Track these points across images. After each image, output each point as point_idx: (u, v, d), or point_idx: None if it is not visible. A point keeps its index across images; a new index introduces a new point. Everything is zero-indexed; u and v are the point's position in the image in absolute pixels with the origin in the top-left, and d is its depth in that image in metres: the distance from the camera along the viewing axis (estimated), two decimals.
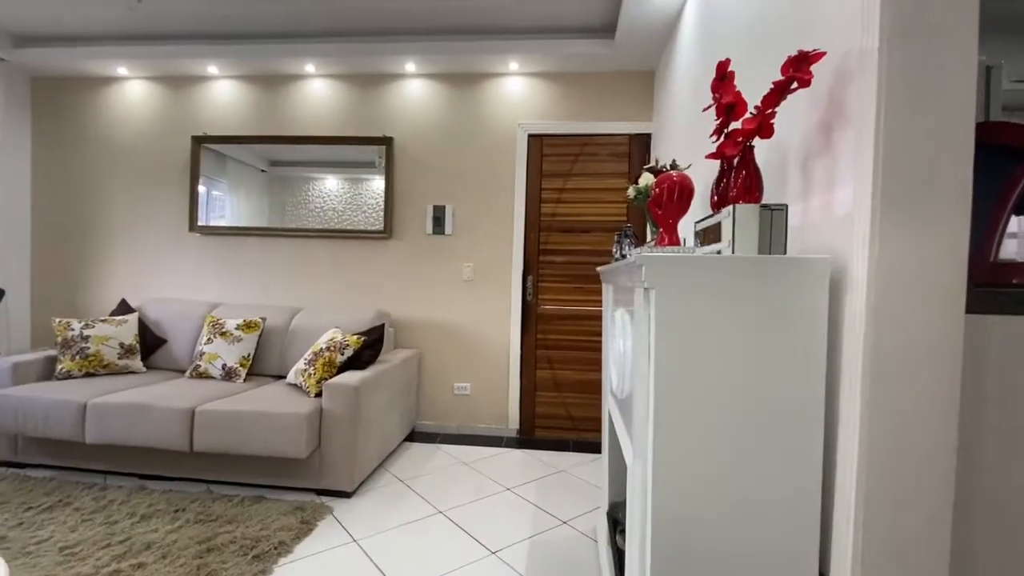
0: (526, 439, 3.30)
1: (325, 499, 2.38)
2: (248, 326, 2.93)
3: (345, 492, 2.40)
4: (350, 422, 2.37)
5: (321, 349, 2.66)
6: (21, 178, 3.62)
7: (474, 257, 3.35)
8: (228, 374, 2.84)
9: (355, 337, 2.69)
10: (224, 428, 2.30)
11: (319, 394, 2.49)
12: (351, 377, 2.45)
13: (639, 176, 1.88)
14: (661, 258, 0.91)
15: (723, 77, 1.05)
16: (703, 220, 1.07)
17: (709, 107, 1.08)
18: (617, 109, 3.24)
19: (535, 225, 3.32)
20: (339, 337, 2.69)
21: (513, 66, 3.21)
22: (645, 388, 0.96)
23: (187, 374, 2.88)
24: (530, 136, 3.30)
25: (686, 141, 2.31)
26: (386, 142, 3.35)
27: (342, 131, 3.42)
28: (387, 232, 3.36)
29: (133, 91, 3.60)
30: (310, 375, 2.59)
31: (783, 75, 0.94)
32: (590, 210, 3.27)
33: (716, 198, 1.07)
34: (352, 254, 3.44)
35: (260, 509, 2.21)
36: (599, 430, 3.27)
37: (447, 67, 3.26)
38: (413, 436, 3.29)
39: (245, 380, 2.86)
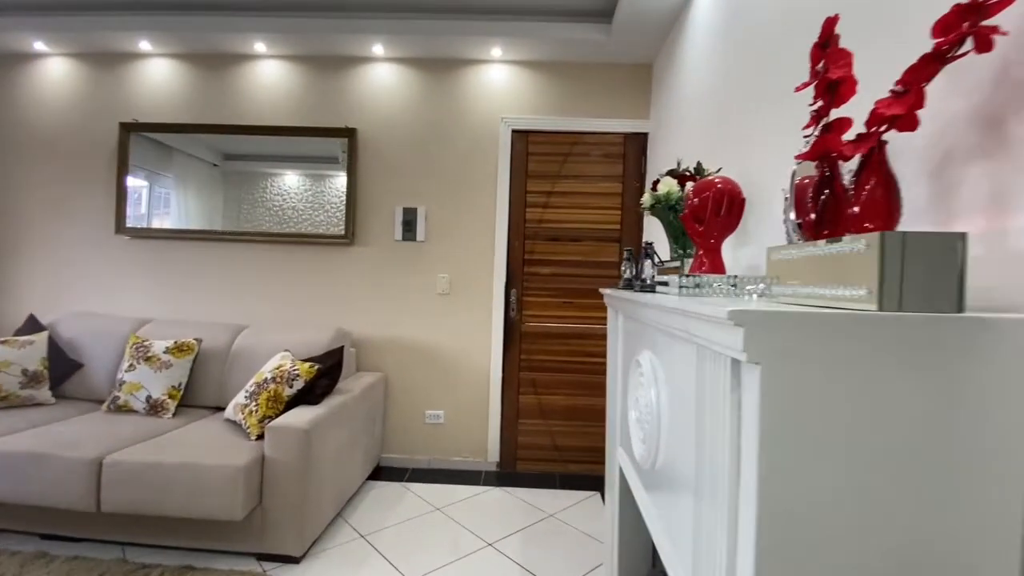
0: (507, 474, 2.94)
1: (268, 566, 1.97)
2: (179, 349, 2.48)
3: (292, 557, 1.99)
4: (299, 473, 1.96)
5: (265, 380, 2.23)
6: None
7: (450, 267, 2.97)
8: (154, 407, 2.38)
9: (307, 365, 2.27)
10: (139, 485, 1.85)
11: (261, 436, 2.07)
12: (300, 416, 2.03)
13: (640, 181, 1.53)
14: (783, 316, 0.55)
15: (826, 43, 0.71)
16: (787, 249, 0.73)
17: (807, 85, 0.73)
18: (611, 105, 2.90)
19: (520, 232, 2.95)
20: (288, 365, 2.27)
21: (496, 52, 2.84)
22: (726, 500, 0.61)
23: (104, 407, 2.41)
24: (514, 132, 2.93)
25: (702, 143, 1.98)
26: (348, 134, 2.93)
27: (299, 121, 2.98)
28: (349, 237, 2.94)
29: (53, 70, 3.07)
30: (251, 412, 2.16)
31: (937, 36, 0.60)
32: (580, 216, 2.93)
33: (813, 217, 0.73)
34: (308, 262, 3.00)
35: None
36: (589, 462, 2.93)
37: (420, 51, 2.87)
38: (378, 473, 2.89)
39: (175, 415, 2.41)
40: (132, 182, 3.01)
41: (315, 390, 2.28)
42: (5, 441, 1.94)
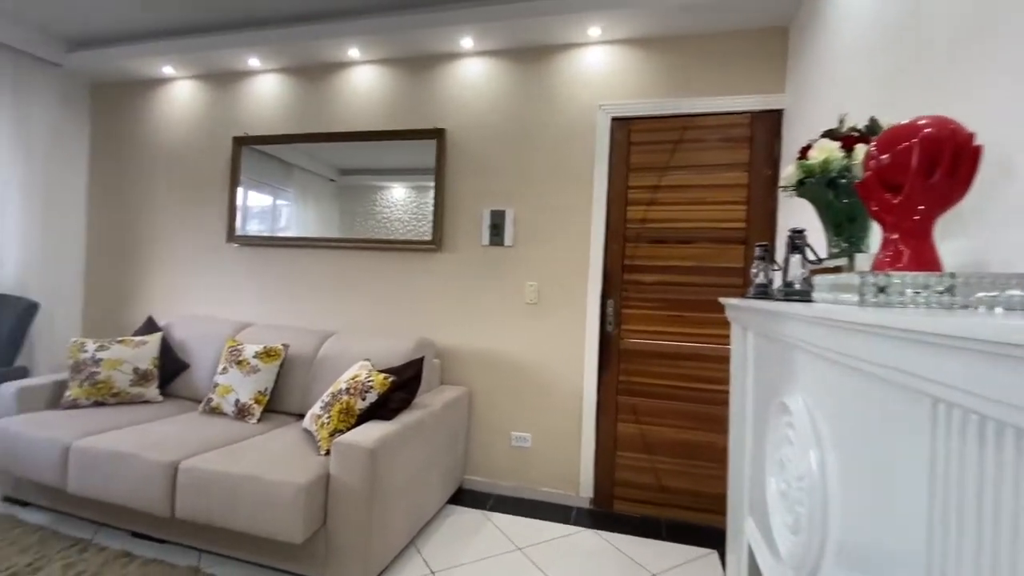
0: (601, 513, 2.53)
1: None
2: (267, 354, 2.47)
3: None
4: (363, 496, 1.77)
5: (340, 390, 2.10)
6: (76, 191, 3.51)
7: (539, 274, 2.67)
8: (241, 411, 2.38)
9: (382, 376, 2.10)
10: (208, 494, 1.79)
11: (330, 451, 1.93)
12: (368, 433, 1.85)
13: (772, 168, 1.10)
14: None
15: None
16: None
17: None
18: (733, 80, 2.42)
19: (619, 234, 2.57)
20: (363, 375, 2.12)
21: (594, 32, 2.52)
22: None
23: (200, 408, 2.47)
24: (614, 120, 2.57)
25: (869, 101, 1.47)
26: (437, 135, 2.79)
27: (392, 124, 2.91)
28: (436, 243, 2.78)
29: (179, 92, 3.36)
30: (323, 424, 2.03)
31: None
32: (693, 214, 2.47)
33: None
34: (397, 269, 2.90)
35: None
36: (704, 510, 2.42)
37: (511, 40, 2.64)
38: (460, 495, 2.65)
39: (259, 420, 2.39)
40: (256, 197, 3.16)
41: (389, 404, 2.10)
42: (103, 438, 2.01)
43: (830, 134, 1.07)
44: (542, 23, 2.47)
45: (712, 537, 2.30)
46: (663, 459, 2.49)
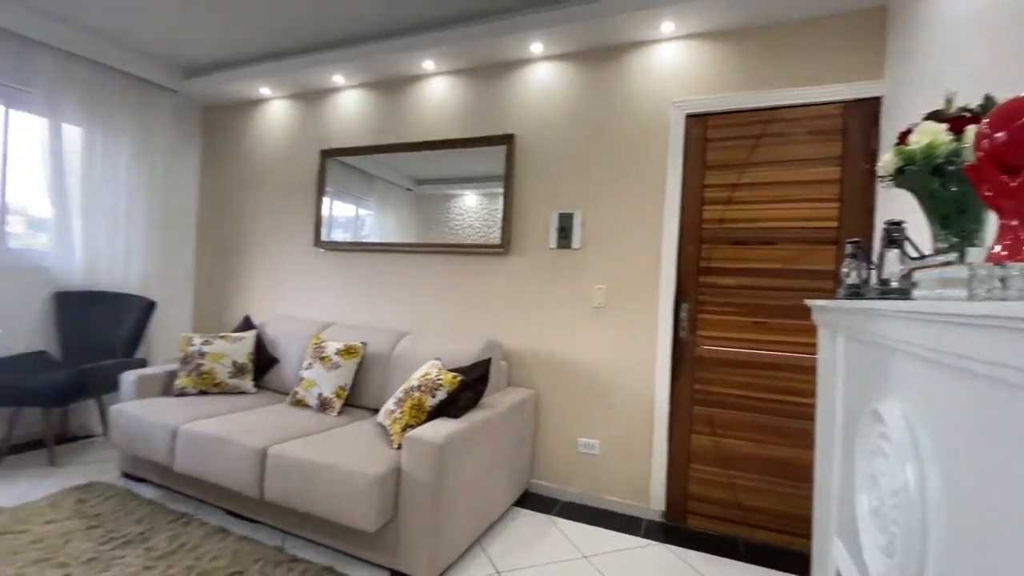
0: (674, 528, 2.41)
1: None
2: (347, 352, 2.62)
3: None
4: (432, 490, 1.82)
5: (412, 387, 2.18)
6: (189, 201, 3.94)
7: (608, 277, 2.61)
8: (323, 405, 2.53)
9: (451, 375, 2.16)
10: (292, 478, 1.92)
11: (402, 446, 2.00)
12: (437, 430, 1.90)
13: (870, 160, 0.99)
14: None
15: None
16: None
17: None
18: (822, 68, 2.24)
19: (694, 235, 2.46)
20: (433, 373, 2.18)
21: (667, 28, 2.44)
22: None
23: (287, 400, 2.67)
24: (689, 117, 2.47)
25: (990, 75, 1.30)
26: (506, 141, 2.83)
27: (463, 132, 2.99)
28: (504, 246, 2.82)
29: (274, 110, 3.68)
30: (396, 419, 2.12)
31: None
32: (778, 212, 2.30)
33: None
34: (466, 272, 2.97)
35: None
36: (787, 532, 2.24)
37: (580, 42, 2.63)
38: (526, 499, 2.64)
39: (339, 413, 2.53)
40: (341, 206, 3.39)
41: (457, 402, 2.15)
42: (204, 424, 2.22)
43: (935, 115, 0.95)
44: (613, 23, 2.44)
45: (795, 562, 2.12)
46: (741, 475, 2.33)
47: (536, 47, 2.71)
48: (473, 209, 2.96)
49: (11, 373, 2.73)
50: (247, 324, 3.06)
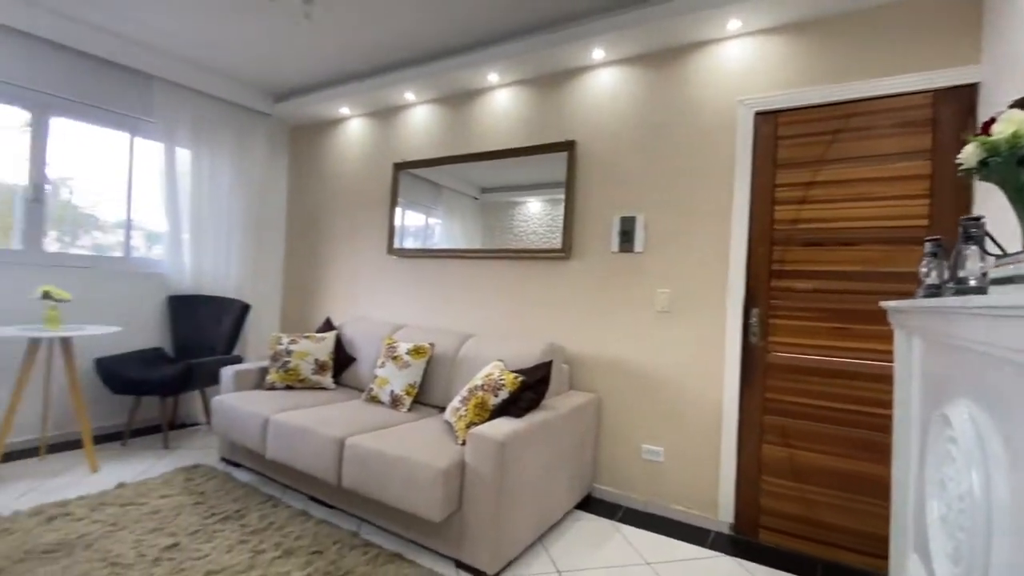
0: (744, 542, 2.32)
1: (463, 575, 1.93)
2: (417, 351, 2.76)
3: (485, 574, 1.91)
4: (494, 485, 1.88)
5: (475, 386, 2.27)
6: (278, 213, 4.33)
7: (672, 281, 2.57)
8: (394, 401, 2.69)
9: (512, 376, 2.22)
10: (367, 468, 2.07)
11: (466, 442, 2.09)
12: (499, 427, 1.97)
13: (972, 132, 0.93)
14: None
15: None
16: None
17: None
18: (906, 55, 2.09)
19: (764, 236, 2.36)
20: (496, 374, 2.26)
21: (733, 26, 2.38)
22: None
23: (363, 397, 2.85)
24: (758, 115, 2.39)
25: None
26: (567, 147, 2.87)
27: (525, 141, 3.08)
28: (566, 251, 2.85)
29: (352, 128, 3.96)
30: (461, 416, 2.21)
31: None
32: (859, 211, 2.17)
33: None
34: (528, 277, 3.03)
35: (389, 572, 1.88)
36: (871, 553, 2.08)
37: (643, 46, 2.62)
38: (588, 503, 2.65)
39: (409, 409, 2.68)
40: (412, 216, 3.59)
41: (519, 402, 2.21)
42: (291, 415, 2.44)
43: (1022, 103, 0.89)
44: (677, 24, 2.41)
45: None
46: (817, 489, 2.20)
47: (598, 53, 2.74)
48: (536, 215, 3.02)
49: (133, 366, 3.14)
50: (328, 325, 3.31)
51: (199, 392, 3.55)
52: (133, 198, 3.50)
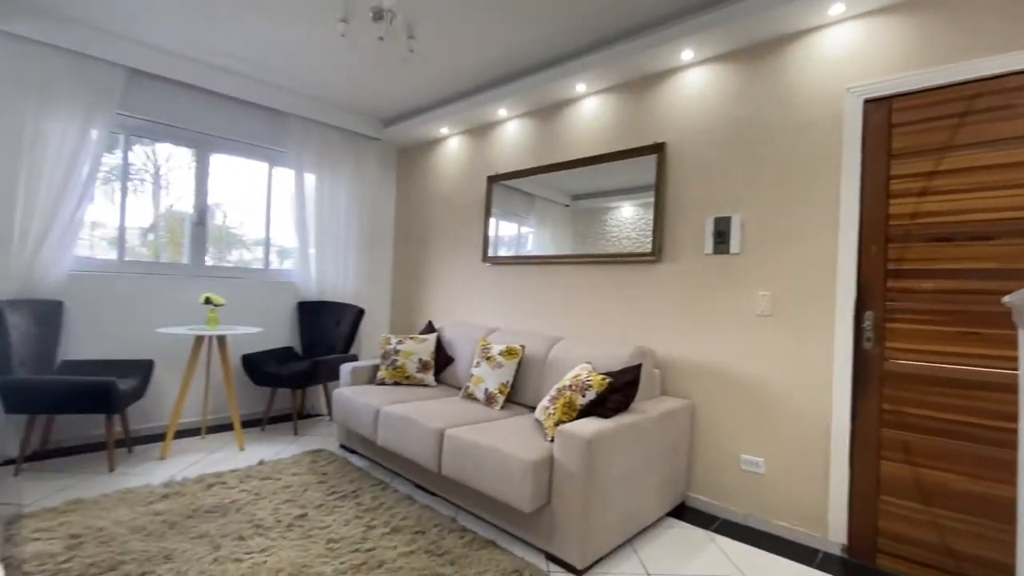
0: (858, 566, 2.12)
1: (552, 568, 2.01)
2: (509, 353, 2.90)
3: (574, 568, 1.97)
4: (581, 481, 1.94)
5: (564, 386, 2.34)
6: (387, 227, 4.77)
7: (772, 283, 2.45)
8: (488, 399, 2.85)
9: (600, 377, 2.27)
10: (463, 457, 2.23)
11: (554, 439, 2.17)
12: (586, 426, 2.03)
13: None
14: None
15: None
16: None
17: None
18: None
19: (879, 233, 2.18)
20: (583, 375, 2.32)
21: (836, 10, 2.24)
22: None
23: (460, 394, 3.06)
24: (867, 102, 2.22)
25: None
26: (657, 149, 2.87)
27: (614, 146, 3.12)
28: (656, 254, 2.84)
29: (450, 146, 4.26)
30: (550, 415, 2.30)
31: None
32: (993, 202, 1.92)
33: None
34: (617, 281, 3.05)
35: (483, 557, 2.01)
36: None
37: (735, 41, 2.55)
38: (681, 512, 2.59)
39: (502, 407, 2.82)
40: (505, 226, 3.78)
41: (607, 403, 2.25)
42: (398, 407, 2.69)
43: None
44: (773, 16, 2.33)
45: None
46: (949, 514, 1.96)
47: (687, 55, 2.72)
48: (627, 219, 3.03)
49: (271, 362, 3.65)
50: (430, 328, 3.59)
51: (322, 386, 4.02)
52: (271, 219, 4.08)
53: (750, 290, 2.52)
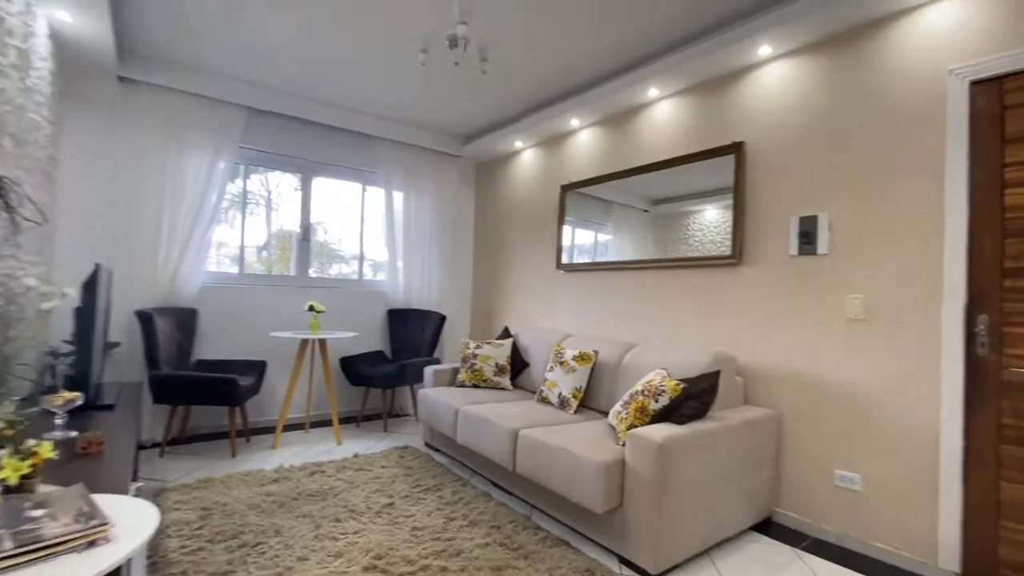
0: None
1: (625, 571, 2.02)
2: (582, 358, 2.94)
3: (646, 572, 1.96)
4: (653, 485, 1.94)
5: (636, 392, 2.34)
6: (467, 239, 5.01)
7: (866, 285, 2.28)
8: (562, 403, 2.90)
9: (674, 382, 2.24)
10: (536, 457, 2.31)
11: (626, 443, 2.18)
12: (658, 431, 2.02)
13: None
14: None
15: None
16: None
17: None
18: None
19: (992, 227, 1.96)
20: (657, 380, 2.30)
21: None
22: None
23: (535, 398, 3.14)
24: (974, 84, 2.01)
25: None
26: (734, 149, 2.78)
27: (689, 149, 3.06)
28: (736, 256, 2.74)
29: (524, 158, 4.41)
30: (622, 419, 2.31)
31: None
32: None
33: None
34: (695, 285, 2.98)
35: (555, 555, 2.07)
36: None
37: (817, 31, 2.43)
38: (767, 527, 2.46)
39: (575, 411, 2.86)
40: (581, 233, 3.84)
41: (682, 410, 2.22)
42: (475, 407, 2.83)
43: None
44: (860, 2, 2.19)
45: None
46: None
47: (764, 50, 2.62)
48: (711, 223, 2.93)
49: (365, 364, 3.97)
50: (506, 333, 3.72)
51: (409, 387, 4.29)
52: (364, 235, 4.47)
53: (840, 293, 2.36)
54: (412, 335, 4.28)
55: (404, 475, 2.89)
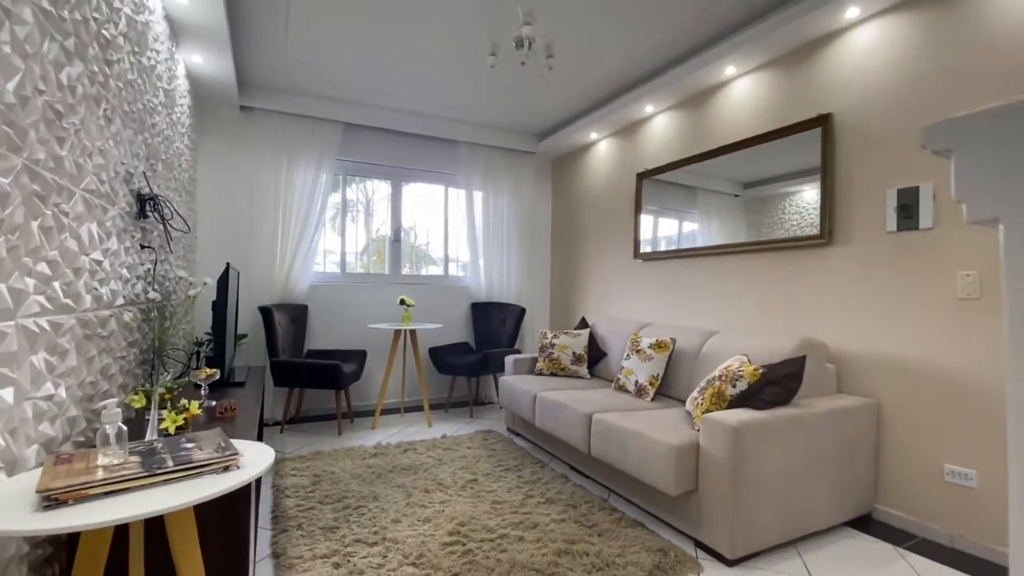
0: None
1: (701, 554, 2.01)
2: (659, 346, 2.92)
3: (724, 557, 1.94)
4: (728, 470, 1.92)
5: (713, 377, 2.31)
6: (544, 233, 5.11)
7: (979, 260, 2.05)
8: (639, 391, 2.91)
9: (752, 367, 2.18)
10: (610, 439, 2.36)
11: (700, 427, 2.16)
12: (734, 415, 1.99)
13: None
14: None
15: None
16: None
17: None
18: None
19: None
20: (735, 365, 2.25)
21: None
22: None
23: (612, 386, 3.17)
24: None
25: None
26: (821, 122, 2.60)
27: (771, 126, 2.91)
28: (825, 236, 2.57)
29: (599, 149, 4.41)
30: (698, 404, 2.29)
31: None
32: None
33: None
34: (780, 269, 2.83)
35: (630, 535, 2.11)
36: None
37: None
38: (866, 524, 2.29)
39: (652, 399, 2.85)
40: (662, 221, 3.77)
41: (762, 395, 2.15)
42: (552, 393, 2.94)
43: None
44: None
45: None
46: None
47: (852, 12, 2.43)
48: (808, 203, 2.71)
49: (451, 354, 4.24)
50: (583, 323, 3.77)
51: (492, 376, 4.50)
52: (448, 233, 4.75)
53: (948, 270, 2.14)
54: (494, 327, 4.48)
55: (487, 456, 3.07)
